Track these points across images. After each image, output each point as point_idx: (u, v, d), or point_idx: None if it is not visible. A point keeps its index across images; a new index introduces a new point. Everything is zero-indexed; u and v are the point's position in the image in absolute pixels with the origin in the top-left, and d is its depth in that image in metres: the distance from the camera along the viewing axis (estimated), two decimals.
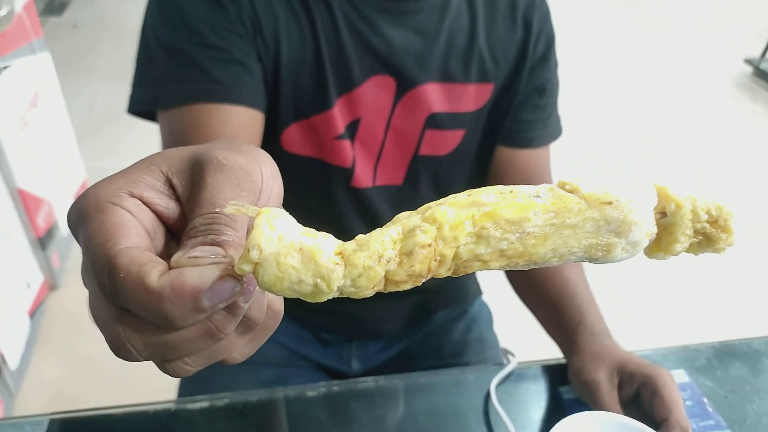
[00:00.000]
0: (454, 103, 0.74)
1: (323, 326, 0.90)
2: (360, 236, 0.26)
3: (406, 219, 0.26)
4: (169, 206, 0.27)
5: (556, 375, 0.67)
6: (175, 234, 0.28)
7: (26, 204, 1.60)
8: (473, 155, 0.81)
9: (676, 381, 0.67)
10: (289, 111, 0.68)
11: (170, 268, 0.24)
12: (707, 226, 0.26)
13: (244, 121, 0.61)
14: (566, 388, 0.65)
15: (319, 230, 0.26)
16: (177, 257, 0.24)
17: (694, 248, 0.26)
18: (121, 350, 0.24)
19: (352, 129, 0.71)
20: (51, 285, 1.79)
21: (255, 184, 0.27)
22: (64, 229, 1.89)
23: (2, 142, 1.48)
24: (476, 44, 0.72)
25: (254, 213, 0.24)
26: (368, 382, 0.64)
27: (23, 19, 1.63)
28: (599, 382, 0.58)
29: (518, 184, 0.83)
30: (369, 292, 0.25)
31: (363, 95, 0.69)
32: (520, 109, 0.78)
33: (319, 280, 0.24)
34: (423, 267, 0.25)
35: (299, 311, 0.89)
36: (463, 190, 0.84)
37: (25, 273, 1.63)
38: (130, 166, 0.27)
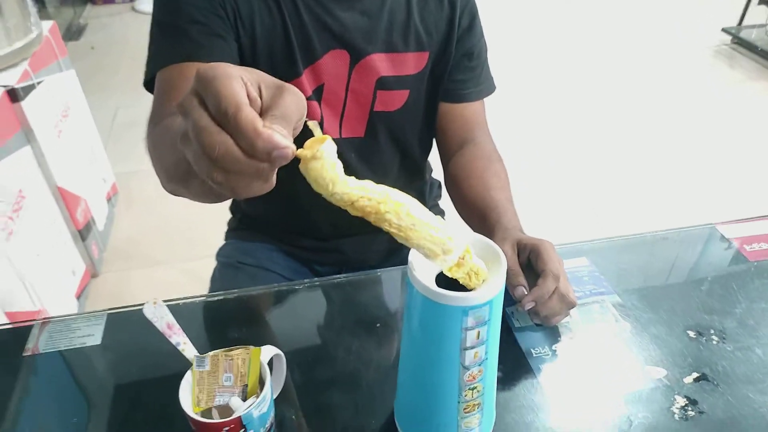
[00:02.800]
0: (397, 68, 0.94)
1: (316, 260, 1.11)
2: (356, 183, 0.44)
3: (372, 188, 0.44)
4: (257, 100, 0.42)
5: None
6: None
7: (66, 200, 1.83)
8: (421, 111, 1.01)
9: (580, 267, 0.88)
10: None
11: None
12: (471, 273, 0.49)
13: None
14: None
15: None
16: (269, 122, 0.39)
17: (465, 280, 0.49)
18: (208, 148, 0.38)
19: (318, 92, 0.91)
20: (92, 273, 2.03)
21: (305, 109, 0.43)
22: (99, 224, 2.13)
23: (42, 148, 1.72)
24: (412, 20, 0.92)
25: (320, 134, 0.42)
26: (341, 278, 0.85)
27: (50, 41, 1.88)
28: (504, 251, 0.76)
29: (458, 133, 1.04)
30: (342, 205, 0.44)
31: (324, 65, 0.90)
32: (454, 71, 0.98)
33: (330, 183, 0.42)
34: (369, 209, 0.44)
35: (296, 250, 1.10)
36: (416, 139, 1.09)
37: (70, 261, 1.87)
38: (239, 67, 0.41)
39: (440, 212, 1.22)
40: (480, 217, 0.90)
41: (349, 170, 0.43)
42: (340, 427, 0.65)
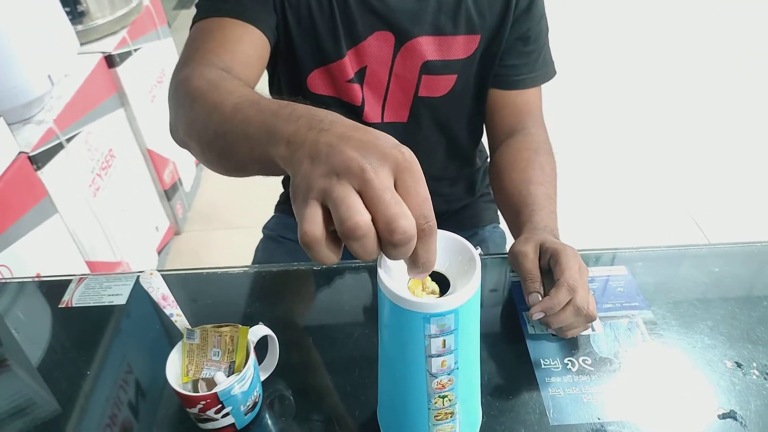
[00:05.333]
0: (444, 52, 0.90)
1: None
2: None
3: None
4: None
5: (507, 264, 0.83)
6: None
7: (154, 161, 1.96)
8: (470, 97, 0.96)
9: (617, 276, 0.81)
10: (311, 59, 0.88)
11: None
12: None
13: (256, 40, 0.79)
14: (514, 273, 0.81)
15: None
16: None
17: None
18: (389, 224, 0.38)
19: (361, 74, 0.90)
20: (176, 230, 2.17)
21: None
22: (186, 185, 2.26)
23: (135, 111, 1.84)
24: (463, 1, 0.88)
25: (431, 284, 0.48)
26: (360, 263, 0.85)
27: (150, 10, 1.99)
28: (525, 253, 0.71)
29: (507, 121, 0.99)
30: None
31: (368, 47, 0.88)
32: (506, 56, 0.93)
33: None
34: None
35: None
36: (463, 126, 1.05)
37: (154, 218, 2.01)
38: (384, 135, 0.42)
39: (491, 201, 1.17)
40: (515, 212, 0.85)
41: None
42: (327, 413, 0.65)
